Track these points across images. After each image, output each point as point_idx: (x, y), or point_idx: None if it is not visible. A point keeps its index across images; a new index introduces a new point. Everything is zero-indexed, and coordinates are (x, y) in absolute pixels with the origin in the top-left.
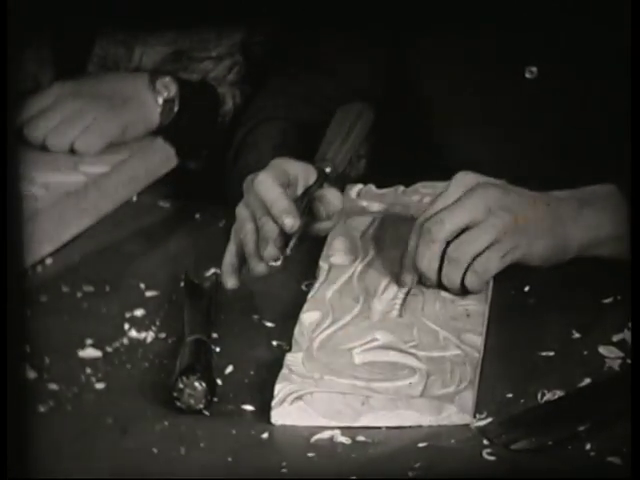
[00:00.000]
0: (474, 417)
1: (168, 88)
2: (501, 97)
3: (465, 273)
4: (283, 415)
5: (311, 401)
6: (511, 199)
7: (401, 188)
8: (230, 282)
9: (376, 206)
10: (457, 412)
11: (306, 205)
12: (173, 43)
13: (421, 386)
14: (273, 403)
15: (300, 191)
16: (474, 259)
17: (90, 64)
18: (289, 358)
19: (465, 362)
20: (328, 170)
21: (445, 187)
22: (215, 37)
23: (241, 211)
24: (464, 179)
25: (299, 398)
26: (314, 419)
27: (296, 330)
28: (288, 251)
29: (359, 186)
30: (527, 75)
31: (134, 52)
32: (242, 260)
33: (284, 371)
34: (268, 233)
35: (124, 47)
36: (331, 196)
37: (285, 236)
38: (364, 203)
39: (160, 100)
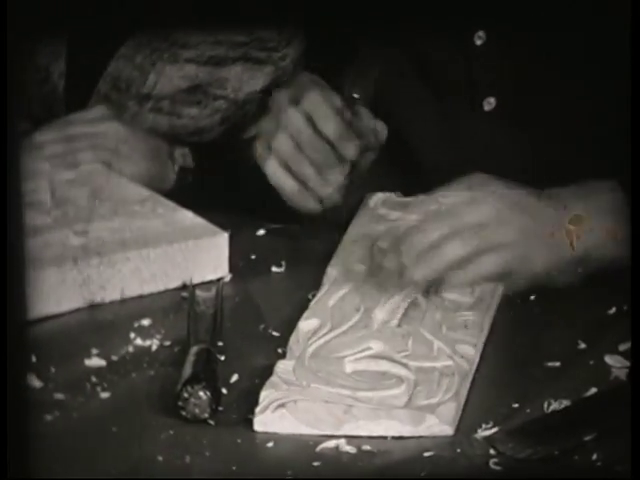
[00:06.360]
0: (457, 428)
1: (185, 159)
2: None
3: None
4: (265, 423)
5: (294, 409)
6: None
7: (422, 197)
8: (311, 204)
9: (394, 214)
10: (438, 423)
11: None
12: (194, 78)
13: (406, 396)
14: (256, 410)
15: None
16: None
17: (102, 83)
18: (280, 365)
19: (454, 373)
20: (357, 96)
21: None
22: (236, 79)
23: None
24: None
25: (282, 406)
26: (295, 427)
27: (292, 337)
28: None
29: (380, 195)
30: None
31: (148, 78)
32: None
33: (272, 378)
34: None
35: (139, 71)
36: (380, 127)
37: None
38: (382, 211)
39: (176, 168)
